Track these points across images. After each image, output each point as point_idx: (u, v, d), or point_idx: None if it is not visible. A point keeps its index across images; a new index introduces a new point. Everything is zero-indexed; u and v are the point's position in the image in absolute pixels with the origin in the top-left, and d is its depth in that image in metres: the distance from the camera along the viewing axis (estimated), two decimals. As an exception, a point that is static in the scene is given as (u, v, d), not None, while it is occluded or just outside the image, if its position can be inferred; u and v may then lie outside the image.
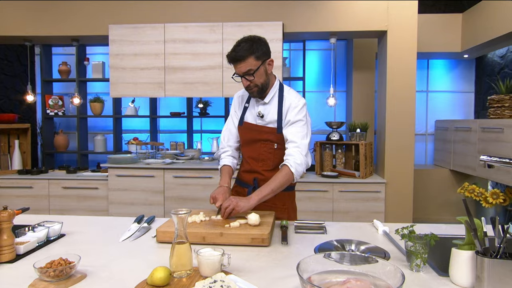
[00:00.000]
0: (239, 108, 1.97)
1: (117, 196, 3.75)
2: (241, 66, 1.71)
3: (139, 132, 4.95)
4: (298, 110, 1.80)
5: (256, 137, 1.87)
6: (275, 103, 1.85)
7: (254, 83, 1.75)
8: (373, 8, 3.53)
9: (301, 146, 1.75)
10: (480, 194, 3.83)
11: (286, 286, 1.10)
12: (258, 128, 1.87)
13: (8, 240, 1.28)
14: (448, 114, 4.87)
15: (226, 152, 1.99)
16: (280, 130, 1.83)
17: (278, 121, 1.83)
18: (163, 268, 1.06)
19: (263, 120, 1.85)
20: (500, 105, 3.53)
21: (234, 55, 1.71)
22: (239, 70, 1.73)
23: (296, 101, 1.82)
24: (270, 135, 1.84)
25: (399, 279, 0.93)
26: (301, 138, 1.77)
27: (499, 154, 3.40)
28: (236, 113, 1.97)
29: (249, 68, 1.70)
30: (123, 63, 3.79)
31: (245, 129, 1.91)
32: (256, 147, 1.88)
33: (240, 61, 1.70)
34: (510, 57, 4.13)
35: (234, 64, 1.73)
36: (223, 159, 1.98)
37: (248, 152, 1.92)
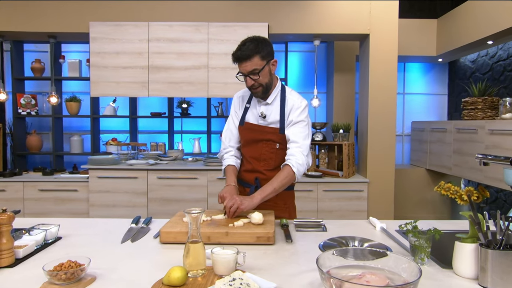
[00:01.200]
0: (239, 109, 1.97)
1: (98, 198, 3.64)
2: (247, 65, 1.72)
3: (117, 133, 4.83)
4: (301, 111, 1.84)
5: (258, 137, 1.88)
6: (278, 103, 1.87)
7: (259, 82, 1.76)
8: (356, 12, 3.63)
9: (303, 147, 1.79)
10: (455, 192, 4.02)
11: (301, 283, 1.12)
12: (260, 128, 1.88)
13: (8, 244, 1.22)
14: (423, 115, 5.07)
15: (229, 152, 1.99)
16: (283, 130, 1.85)
17: (280, 121, 1.85)
18: (180, 268, 1.06)
19: (265, 120, 1.87)
20: (473, 107, 3.72)
21: (240, 54, 1.72)
22: (244, 69, 1.74)
23: (298, 102, 1.86)
24: (272, 135, 1.86)
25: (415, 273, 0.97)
26: (303, 139, 1.80)
27: (473, 153, 3.58)
28: (237, 114, 1.97)
29: (254, 67, 1.72)
30: (104, 62, 3.69)
31: (246, 130, 1.92)
32: (258, 147, 1.89)
33: (246, 60, 1.71)
34: (481, 62, 4.36)
35: (239, 63, 1.74)
36: (227, 159, 1.98)
37: (250, 152, 1.93)
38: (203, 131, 4.75)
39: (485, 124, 3.42)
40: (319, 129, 3.98)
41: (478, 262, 1.12)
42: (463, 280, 1.16)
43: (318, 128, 3.98)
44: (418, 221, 1.32)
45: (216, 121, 4.75)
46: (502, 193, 4.03)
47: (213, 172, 3.62)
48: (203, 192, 3.62)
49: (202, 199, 3.62)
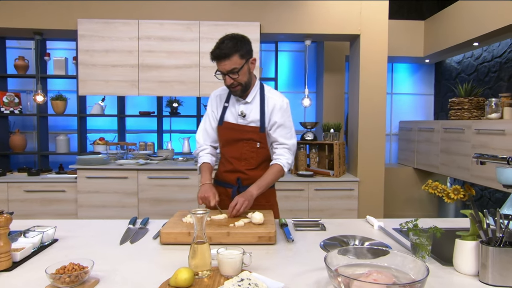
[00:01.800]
0: (217, 108, 1.93)
1: (87, 198, 3.57)
2: (226, 63, 1.69)
3: (105, 132, 4.75)
4: (284, 111, 1.86)
5: (238, 136, 1.86)
6: (257, 102, 1.86)
7: (238, 81, 1.74)
8: (347, 12, 3.66)
9: (291, 147, 1.86)
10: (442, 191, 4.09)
11: (307, 282, 1.12)
12: (240, 127, 1.85)
13: (5, 247, 1.19)
14: (410, 115, 5.16)
15: (204, 150, 1.95)
16: (263, 129, 1.84)
17: (261, 120, 1.84)
18: (186, 269, 1.05)
19: (245, 119, 1.85)
20: (460, 107, 3.80)
21: (219, 52, 1.68)
22: (223, 67, 1.70)
23: (280, 101, 1.86)
24: (253, 134, 1.84)
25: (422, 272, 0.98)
26: (290, 138, 1.86)
27: (460, 153, 3.66)
28: (214, 113, 1.93)
29: (234, 66, 1.69)
30: (93, 60, 3.62)
31: (225, 129, 1.88)
32: (238, 146, 1.87)
33: (225, 59, 1.68)
34: (466, 63, 4.46)
35: (218, 61, 1.71)
36: (202, 157, 1.93)
37: (230, 152, 1.89)
38: (193, 130, 4.71)
39: (471, 124, 3.50)
40: (310, 128, 4.00)
41: (479, 259, 1.14)
42: (463, 276, 1.18)
43: (309, 128, 4.00)
44: (418, 219, 1.34)
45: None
46: (486, 191, 4.14)
47: (205, 172, 3.59)
48: (194, 192, 3.60)
49: (194, 199, 3.59)
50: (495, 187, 3.22)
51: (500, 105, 3.36)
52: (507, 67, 3.81)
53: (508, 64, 3.80)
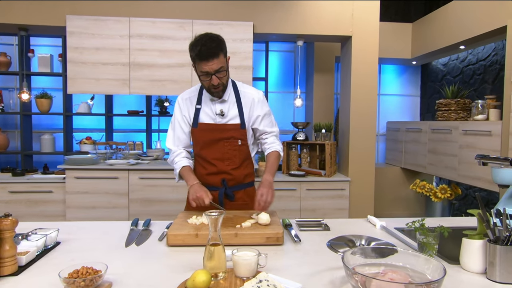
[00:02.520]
0: (188, 111, 1.86)
1: (76, 199, 3.49)
2: (214, 63, 1.63)
3: (91, 131, 4.66)
4: (262, 102, 1.90)
5: (217, 136, 1.82)
6: (233, 99, 1.84)
7: (222, 81, 1.71)
8: (339, 14, 3.70)
9: (276, 134, 1.95)
10: (430, 190, 4.20)
11: (322, 282, 1.13)
12: (219, 126, 1.82)
13: (11, 251, 1.15)
14: (397, 116, 5.26)
15: (179, 154, 1.88)
16: (244, 125, 1.83)
17: (240, 116, 1.83)
18: (204, 271, 1.04)
19: (224, 117, 1.82)
20: (447, 109, 3.90)
21: (207, 51, 1.61)
22: (210, 67, 1.63)
23: (257, 94, 1.89)
24: (233, 132, 1.82)
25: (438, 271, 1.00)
26: (274, 126, 1.96)
27: (448, 153, 3.76)
28: (186, 117, 1.86)
29: (221, 65, 1.66)
30: (83, 57, 3.54)
31: (202, 131, 1.83)
32: (219, 146, 1.83)
33: (213, 58, 1.62)
34: (452, 65, 4.59)
35: (205, 61, 1.62)
36: (180, 161, 1.85)
37: (212, 153, 1.83)
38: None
39: (459, 125, 3.60)
40: (301, 128, 4.02)
41: (487, 257, 1.18)
42: (471, 274, 1.21)
43: (301, 128, 4.02)
44: (425, 219, 1.37)
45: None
46: (471, 190, 4.27)
47: (197, 172, 3.57)
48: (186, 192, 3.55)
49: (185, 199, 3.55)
50: (481, 186, 3.33)
51: (486, 107, 3.46)
52: (491, 70, 3.93)
53: (492, 67, 3.92)
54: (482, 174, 3.29)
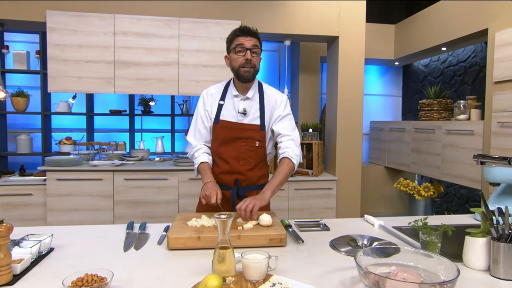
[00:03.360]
0: (211, 106, 1.87)
1: (58, 202, 3.36)
2: (252, 40, 1.74)
3: (71, 131, 4.51)
4: (285, 105, 1.87)
5: (236, 135, 1.81)
6: (257, 99, 1.85)
7: (254, 62, 1.75)
8: (327, 14, 3.72)
9: (295, 138, 1.83)
10: (413, 188, 4.29)
11: (332, 283, 1.12)
12: (239, 125, 1.81)
13: (5, 259, 1.08)
14: (379, 115, 5.35)
15: (200, 149, 1.88)
16: (263, 127, 1.82)
17: (261, 118, 1.82)
18: (215, 275, 1.01)
19: (245, 117, 1.82)
20: (429, 109, 3.99)
21: (248, 28, 1.74)
22: (248, 42, 1.73)
23: (280, 97, 1.87)
24: (252, 133, 1.81)
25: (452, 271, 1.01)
26: (293, 131, 1.84)
27: (431, 152, 3.85)
28: (208, 112, 1.87)
29: (257, 44, 1.75)
30: (64, 55, 3.41)
31: (222, 128, 1.83)
32: (237, 145, 1.82)
33: (252, 36, 1.74)
34: (433, 66, 4.70)
35: (243, 36, 1.73)
36: (199, 156, 1.86)
37: (228, 152, 1.83)
38: (166, 129, 4.59)
39: (442, 125, 3.69)
40: (288, 128, 4.02)
41: (491, 254, 1.20)
42: (475, 272, 1.23)
43: (288, 128, 4.02)
44: (428, 218, 1.38)
45: (180, 119, 4.62)
46: (452, 188, 4.39)
47: (184, 173, 3.51)
48: (173, 194, 3.50)
49: (173, 200, 3.50)
50: (463, 183, 3.42)
51: (468, 107, 3.57)
52: (471, 71, 4.05)
53: (472, 68, 4.04)
54: (464, 173, 3.38)
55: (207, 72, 3.59)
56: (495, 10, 3.15)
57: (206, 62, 3.58)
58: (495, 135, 2.99)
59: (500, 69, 2.96)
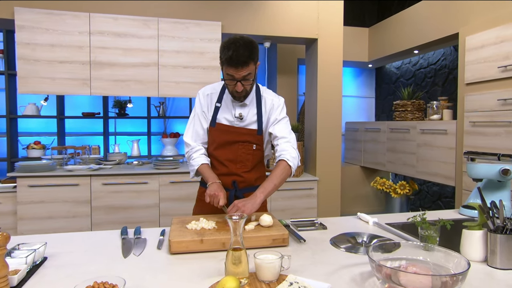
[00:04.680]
0: (208, 108, 1.84)
1: (29, 210, 3.18)
2: (243, 70, 1.60)
3: (39, 135, 4.29)
4: (281, 108, 1.84)
5: (233, 138, 1.80)
6: (254, 103, 1.82)
7: (246, 88, 1.69)
8: (306, 17, 3.78)
9: (292, 140, 1.80)
10: (389, 187, 4.42)
11: (343, 280, 1.13)
12: (236, 129, 1.80)
13: (2, 271, 1.01)
14: (354, 116, 5.49)
15: (198, 150, 1.85)
16: (261, 131, 1.81)
17: (258, 122, 1.80)
18: (231, 277, 0.99)
19: (242, 121, 1.80)
20: (403, 109, 4.14)
21: (237, 58, 1.56)
22: (238, 74, 1.61)
23: (277, 100, 1.85)
24: (249, 137, 1.80)
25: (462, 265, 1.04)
26: (289, 133, 1.81)
27: (406, 151, 3.99)
28: (205, 113, 1.84)
29: (249, 72, 1.63)
30: (36, 55, 3.24)
31: (219, 131, 1.81)
32: (234, 148, 1.81)
33: (243, 66, 1.59)
34: (405, 69, 4.89)
35: (233, 67, 1.59)
36: (198, 158, 1.82)
37: (225, 155, 1.82)
38: (142, 132, 4.48)
39: (416, 125, 3.84)
40: (268, 129, 4.03)
41: (488, 246, 1.26)
42: (472, 263, 1.28)
43: (268, 129, 4.03)
44: (426, 213, 1.43)
45: (157, 121, 4.52)
46: (425, 185, 4.57)
47: (165, 176, 3.43)
48: (154, 198, 3.41)
49: (154, 205, 3.41)
50: (438, 181, 3.57)
51: (440, 108, 3.73)
52: (441, 73, 4.25)
53: (442, 70, 4.24)
54: (439, 170, 3.53)
55: (187, 73, 3.53)
56: (465, 15, 3.32)
57: (187, 63, 3.53)
58: (468, 134, 3.15)
59: (471, 71, 3.13)
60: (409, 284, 0.98)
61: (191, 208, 1.99)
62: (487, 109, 2.95)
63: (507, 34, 2.79)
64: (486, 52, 2.97)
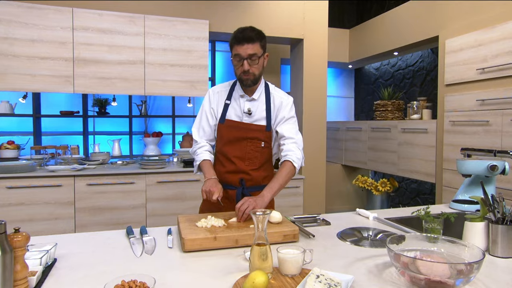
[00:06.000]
0: (217, 105, 1.87)
1: (8, 213, 3.04)
2: (248, 47, 1.66)
3: (12, 135, 4.10)
4: (290, 107, 1.87)
5: (242, 135, 1.82)
6: (263, 100, 1.85)
7: (253, 71, 1.72)
8: (292, 18, 3.83)
9: (298, 142, 1.82)
10: (371, 184, 4.54)
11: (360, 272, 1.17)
12: (245, 126, 1.82)
13: (23, 272, 0.97)
14: (334, 116, 5.60)
15: (203, 147, 1.88)
16: (269, 128, 1.83)
17: (267, 118, 1.83)
18: (260, 272, 1.00)
19: (251, 117, 1.82)
20: (384, 109, 4.28)
21: (243, 35, 1.66)
22: (244, 51, 1.66)
23: (286, 99, 1.88)
24: (258, 133, 1.82)
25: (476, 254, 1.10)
26: (296, 134, 1.83)
27: (387, 149, 4.13)
28: (214, 110, 1.87)
29: (255, 52, 1.68)
30: (14, 50, 3.10)
31: (228, 127, 1.83)
32: (242, 145, 1.82)
33: (248, 43, 1.66)
34: (383, 70, 5.04)
35: (239, 44, 1.67)
36: (201, 154, 1.85)
37: (233, 151, 1.83)
38: (120, 131, 4.37)
39: (397, 124, 3.97)
40: (254, 129, 4.05)
41: (490, 236, 1.34)
42: (475, 253, 1.36)
43: (254, 128, 4.05)
44: (430, 207, 1.49)
45: (137, 121, 4.43)
46: (403, 183, 4.74)
47: (152, 176, 3.37)
48: (141, 198, 3.35)
49: (140, 205, 3.34)
50: (418, 178, 3.72)
51: (420, 107, 3.88)
52: (419, 74, 4.42)
53: (420, 72, 4.41)
54: (420, 168, 3.68)
55: (175, 71, 3.49)
56: (445, 20, 3.47)
57: (174, 61, 3.49)
58: (447, 133, 3.30)
59: (451, 73, 3.28)
60: (430, 272, 1.03)
61: (178, 208, 2.00)
62: (466, 109, 3.11)
63: (484, 38, 2.95)
64: (465, 54, 3.13)
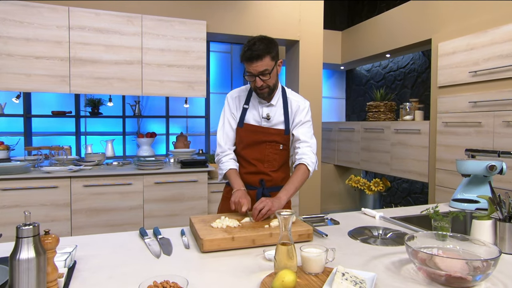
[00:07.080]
0: (236, 109, 1.91)
1: (2, 215, 2.97)
2: (258, 65, 1.69)
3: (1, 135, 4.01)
4: (306, 111, 1.91)
5: (261, 138, 1.86)
6: (281, 104, 1.89)
7: (267, 83, 1.75)
8: (288, 19, 3.87)
9: (313, 145, 1.88)
10: (364, 184, 4.62)
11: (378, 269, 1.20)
12: (264, 129, 1.86)
13: (53, 274, 0.97)
14: (326, 117, 5.67)
15: (228, 155, 1.90)
16: (288, 131, 1.88)
17: (285, 122, 1.87)
18: (289, 271, 1.02)
19: (269, 122, 1.86)
20: (376, 110, 4.37)
21: (251, 53, 1.67)
22: (254, 69, 1.70)
23: (303, 103, 1.92)
24: (277, 137, 1.87)
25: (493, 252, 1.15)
26: (311, 138, 1.89)
27: (380, 150, 4.21)
28: (234, 115, 1.91)
29: (265, 68, 1.70)
30: (8, 49, 3.04)
31: (247, 131, 1.88)
32: (261, 148, 1.87)
33: (257, 60, 1.68)
34: (375, 71, 5.14)
35: (249, 62, 1.69)
36: (227, 162, 1.88)
37: (252, 154, 1.88)
38: (113, 132, 4.32)
39: (390, 125, 4.06)
40: (250, 129, 4.07)
41: (497, 233, 1.39)
42: (483, 250, 1.41)
43: (250, 129, 4.07)
44: (438, 206, 1.55)
45: (130, 121, 4.39)
46: (395, 183, 4.84)
47: (149, 177, 3.35)
48: (138, 199, 3.32)
49: (138, 206, 3.32)
50: (411, 177, 3.81)
51: (412, 109, 3.98)
52: (410, 76, 4.53)
53: (411, 74, 4.52)
54: (413, 168, 3.77)
55: (172, 72, 3.48)
56: (438, 23, 3.57)
57: (172, 62, 3.47)
58: (440, 134, 3.40)
59: (443, 75, 3.37)
60: (448, 268, 1.08)
61: (176, 209, 2.02)
62: (459, 110, 3.20)
63: (476, 42, 3.05)
64: (457, 58, 3.22)
